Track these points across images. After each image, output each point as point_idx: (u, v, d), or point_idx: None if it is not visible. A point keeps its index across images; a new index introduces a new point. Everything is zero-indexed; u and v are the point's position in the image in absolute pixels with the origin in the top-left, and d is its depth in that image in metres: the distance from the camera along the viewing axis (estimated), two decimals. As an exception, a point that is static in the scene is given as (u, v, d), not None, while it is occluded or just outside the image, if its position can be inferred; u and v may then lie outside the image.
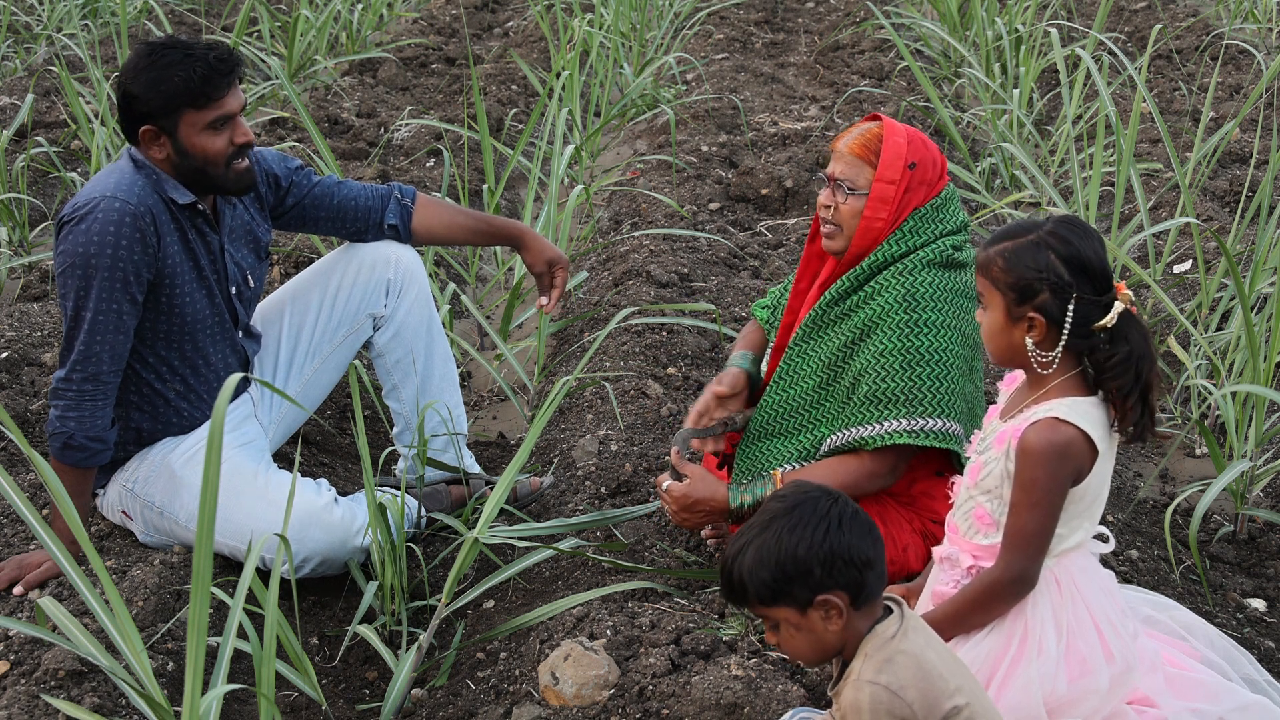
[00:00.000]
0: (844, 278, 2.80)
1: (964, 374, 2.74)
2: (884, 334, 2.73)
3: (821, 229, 2.83)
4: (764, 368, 3.05)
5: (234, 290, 3.11)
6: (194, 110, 2.88)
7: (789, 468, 2.83)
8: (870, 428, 2.72)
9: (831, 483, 2.71)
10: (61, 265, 2.86)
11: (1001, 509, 2.26)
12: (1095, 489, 2.25)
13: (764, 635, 2.70)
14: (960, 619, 2.28)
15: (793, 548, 1.93)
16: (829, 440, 2.80)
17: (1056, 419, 2.19)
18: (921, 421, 2.69)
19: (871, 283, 2.77)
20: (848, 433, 2.76)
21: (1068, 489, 2.21)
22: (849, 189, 2.76)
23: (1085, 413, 2.20)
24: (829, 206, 2.79)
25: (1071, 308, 2.18)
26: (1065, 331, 2.19)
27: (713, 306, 4.15)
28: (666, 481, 2.85)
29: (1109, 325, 2.19)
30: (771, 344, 3.03)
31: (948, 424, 2.69)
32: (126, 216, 2.84)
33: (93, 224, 2.82)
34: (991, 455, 2.30)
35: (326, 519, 3.02)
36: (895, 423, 2.69)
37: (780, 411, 2.89)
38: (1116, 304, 2.20)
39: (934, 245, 2.76)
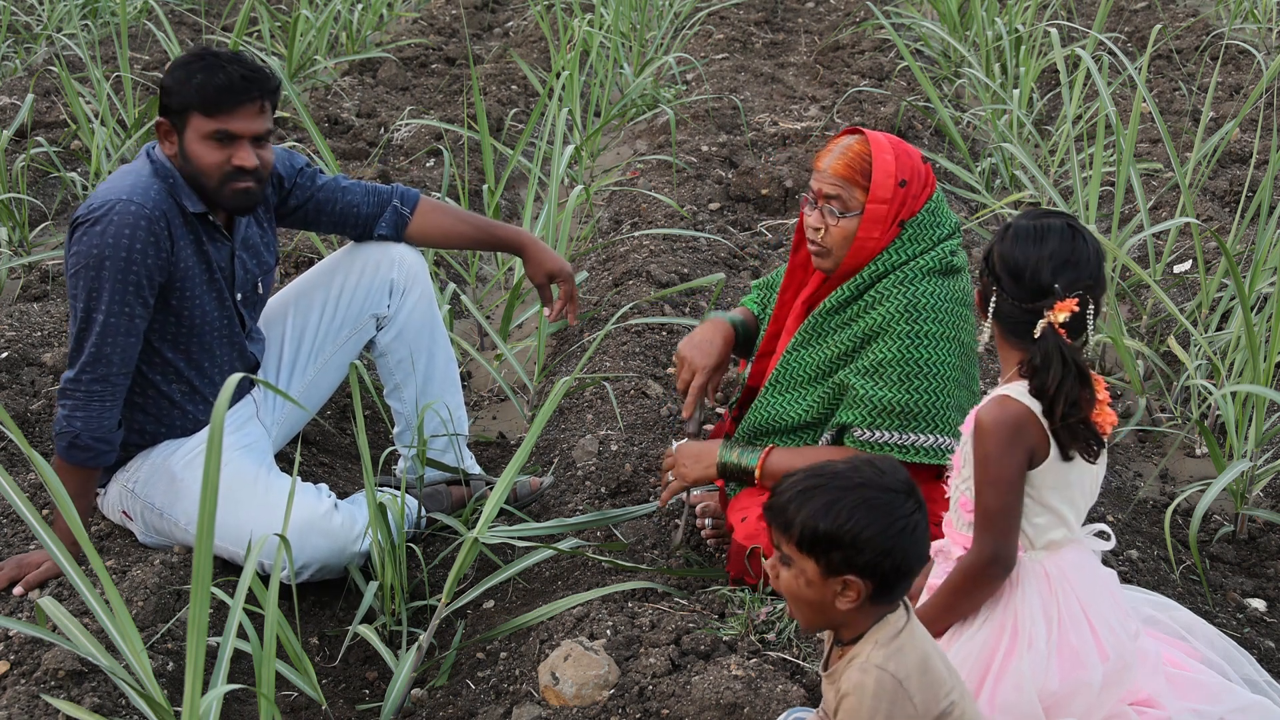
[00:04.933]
0: (843, 287, 2.78)
1: (959, 384, 2.74)
2: (885, 343, 2.72)
3: (810, 249, 2.79)
4: (747, 372, 3.06)
5: (240, 297, 3.11)
6: (201, 116, 2.86)
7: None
8: (863, 432, 2.73)
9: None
10: (74, 266, 2.86)
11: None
12: (1061, 473, 2.24)
13: (767, 584, 2.74)
14: (948, 608, 2.28)
15: (861, 525, 1.90)
16: (823, 438, 2.83)
17: (1006, 396, 2.21)
18: (913, 437, 2.71)
19: (871, 291, 2.76)
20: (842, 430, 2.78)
21: (1024, 466, 2.21)
22: (840, 211, 2.72)
23: None
24: (819, 229, 2.74)
25: (994, 301, 2.24)
26: (987, 320, 2.27)
27: (721, 276, 4.15)
28: (677, 444, 2.96)
29: (1035, 337, 2.20)
30: (756, 350, 3.03)
31: (939, 439, 2.72)
32: (142, 220, 2.83)
33: (108, 227, 2.82)
34: (963, 439, 2.31)
35: (326, 526, 3.01)
36: (887, 434, 2.72)
37: (773, 414, 2.90)
38: (1041, 321, 2.19)
39: (933, 252, 2.75)
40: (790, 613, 2.04)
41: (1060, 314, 2.18)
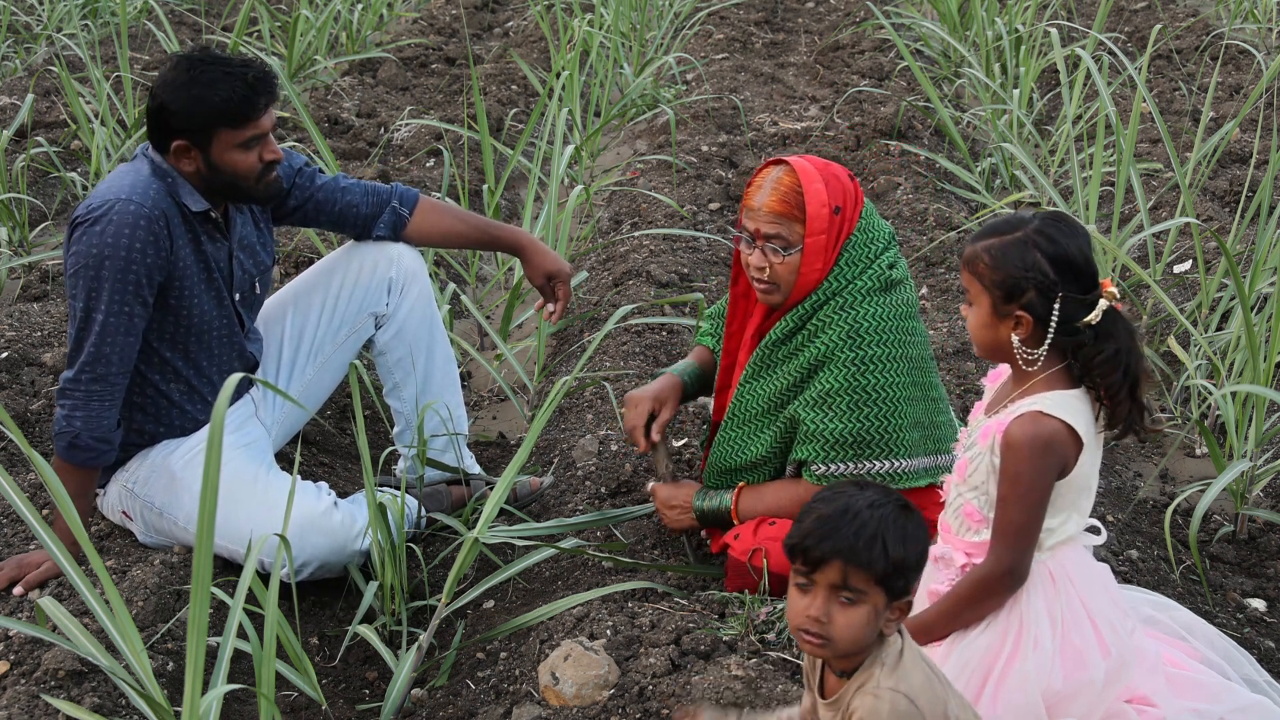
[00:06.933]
0: (786, 318, 2.76)
1: (913, 402, 2.73)
2: (831, 372, 2.71)
3: (755, 287, 2.76)
4: (712, 406, 3.05)
5: (238, 296, 3.11)
6: (230, 129, 2.88)
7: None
8: (819, 466, 2.73)
9: (785, 502, 2.80)
10: (74, 266, 2.86)
11: (989, 504, 2.27)
12: (1082, 480, 2.26)
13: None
14: (954, 616, 2.28)
15: (925, 543, 1.93)
16: (787, 470, 2.84)
17: (1040, 412, 2.20)
18: (869, 465, 2.71)
19: (814, 319, 2.73)
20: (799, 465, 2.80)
21: (1053, 481, 2.21)
22: (782, 248, 2.68)
23: (1069, 405, 2.21)
24: (763, 268, 2.71)
25: (1057, 307, 2.19)
26: (1051, 330, 2.20)
27: (700, 296, 4.16)
28: (650, 484, 3.03)
29: (1094, 323, 2.19)
30: (715, 386, 3.02)
31: (895, 463, 2.71)
32: (141, 220, 2.84)
33: (107, 226, 2.82)
34: (976, 451, 2.30)
35: (326, 524, 3.01)
36: (843, 465, 2.71)
37: (733, 450, 2.89)
38: (1101, 301, 2.20)
39: (871, 270, 2.72)
40: (824, 654, 1.95)
41: (1109, 289, 2.21)
